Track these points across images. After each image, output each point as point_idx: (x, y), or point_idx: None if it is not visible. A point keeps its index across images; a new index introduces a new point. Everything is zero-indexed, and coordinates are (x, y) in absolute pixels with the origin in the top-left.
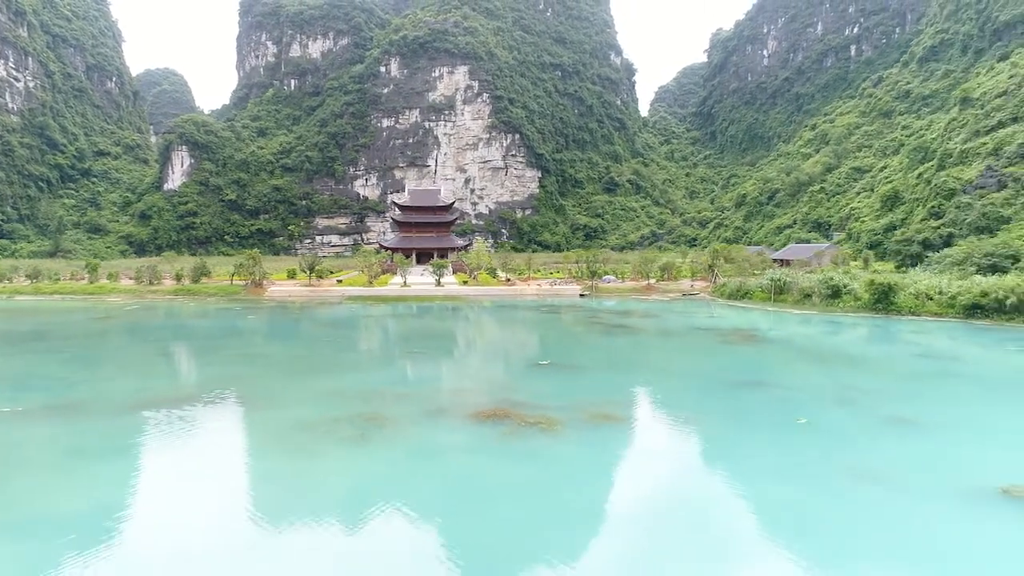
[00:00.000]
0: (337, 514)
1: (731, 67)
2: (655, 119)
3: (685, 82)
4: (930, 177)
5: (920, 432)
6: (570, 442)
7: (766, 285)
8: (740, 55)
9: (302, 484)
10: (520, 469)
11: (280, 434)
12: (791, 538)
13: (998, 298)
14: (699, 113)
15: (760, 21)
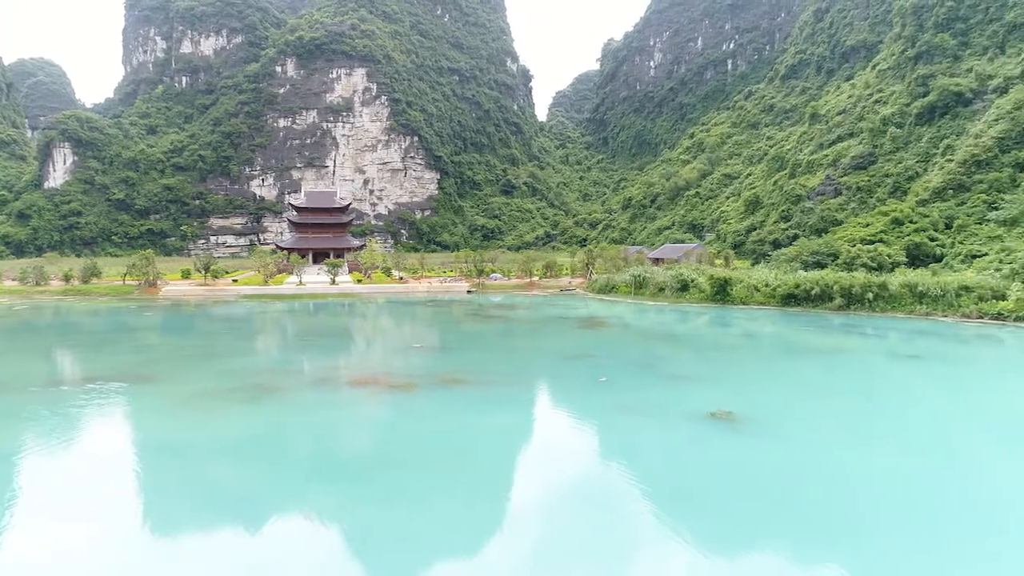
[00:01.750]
0: (232, 448)
1: (621, 76)
2: (553, 123)
3: (581, 88)
4: (783, 184)
5: (685, 383)
6: (420, 397)
7: (628, 280)
8: (629, 65)
9: (203, 429)
10: (379, 413)
11: (183, 399)
12: (568, 449)
13: (806, 289)
14: (592, 119)
15: (647, 34)
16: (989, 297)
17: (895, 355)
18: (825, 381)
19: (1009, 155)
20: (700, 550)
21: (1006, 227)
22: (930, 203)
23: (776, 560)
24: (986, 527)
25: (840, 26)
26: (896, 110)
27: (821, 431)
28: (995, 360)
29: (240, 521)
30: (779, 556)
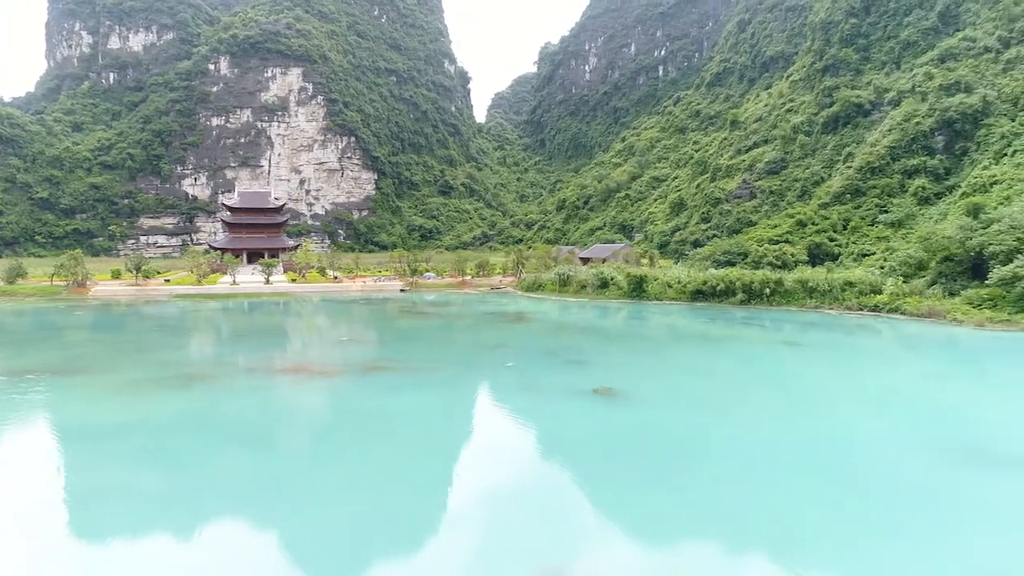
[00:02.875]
0: (166, 423)
1: (558, 79)
2: (492, 124)
3: (519, 90)
4: (704, 187)
5: (581, 367)
6: (344, 381)
7: (554, 279)
8: (566, 69)
9: (133, 411)
10: (302, 396)
11: (117, 386)
12: (471, 419)
13: (712, 285)
14: (530, 121)
15: (583, 39)
16: (868, 291)
17: (773, 342)
18: (704, 364)
19: (899, 163)
20: (576, 488)
21: (893, 228)
22: (830, 206)
23: (633, 493)
24: (803, 472)
25: (761, 37)
26: (805, 119)
27: (684, 402)
28: (856, 345)
29: (167, 488)
30: (635, 491)
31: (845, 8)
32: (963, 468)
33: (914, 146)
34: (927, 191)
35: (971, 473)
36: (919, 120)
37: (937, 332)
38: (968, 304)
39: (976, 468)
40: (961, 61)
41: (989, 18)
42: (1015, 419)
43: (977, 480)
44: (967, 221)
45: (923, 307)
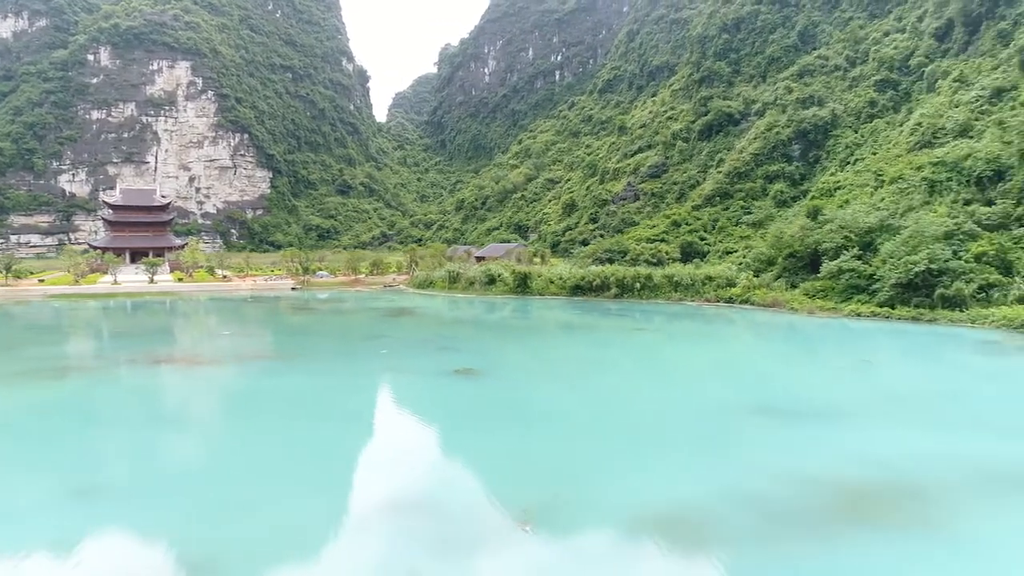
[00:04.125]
0: (37, 408)
1: (458, 81)
2: (392, 124)
3: (420, 90)
4: (594, 189)
5: (449, 352)
6: (217, 370)
7: (444, 276)
8: (465, 71)
9: (14, 396)
10: (175, 381)
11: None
12: (339, 395)
13: (590, 281)
14: (431, 122)
15: (482, 41)
16: (724, 285)
17: (629, 330)
18: (564, 348)
19: (762, 168)
20: (432, 447)
21: (754, 228)
22: (702, 208)
23: (488, 443)
24: (618, 427)
25: (648, 47)
26: (684, 126)
27: (536, 378)
28: (702, 331)
29: (37, 467)
30: (487, 444)
31: (719, 24)
32: (752, 417)
33: (775, 153)
34: (784, 195)
35: (756, 420)
36: (779, 130)
37: (776, 319)
38: (805, 295)
39: (762, 417)
40: (816, 77)
41: (839, 39)
42: (803, 384)
43: (758, 425)
44: (807, 222)
45: (768, 298)
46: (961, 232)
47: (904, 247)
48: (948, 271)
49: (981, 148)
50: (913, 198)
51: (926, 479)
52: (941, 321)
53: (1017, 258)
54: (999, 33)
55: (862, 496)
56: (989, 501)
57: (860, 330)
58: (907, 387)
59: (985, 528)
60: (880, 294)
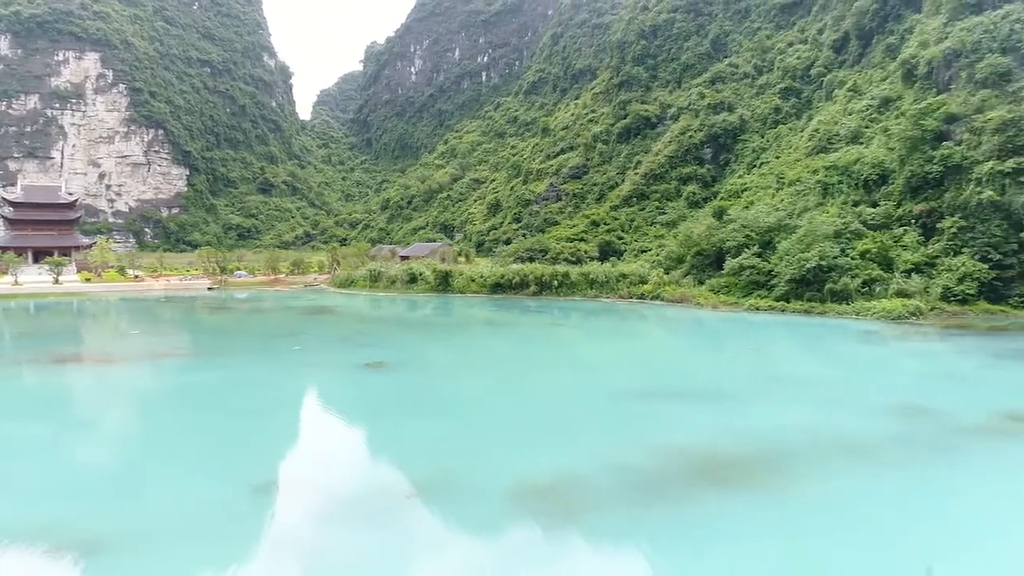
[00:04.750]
0: None
1: (384, 79)
2: (317, 122)
3: (346, 88)
4: (518, 189)
5: (362, 348)
6: (125, 367)
7: (366, 275)
8: (391, 69)
9: None
10: (80, 379)
11: None
12: (250, 388)
13: (509, 279)
14: (357, 120)
15: (408, 40)
16: (637, 282)
17: (542, 324)
18: (474, 342)
19: (676, 170)
20: (334, 434)
21: (667, 228)
22: (620, 208)
23: (389, 428)
24: (517, 412)
25: (571, 51)
26: (603, 129)
27: (443, 370)
28: (610, 325)
29: None
30: (388, 429)
31: (636, 30)
32: (641, 400)
33: (688, 156)
34: (697, 196)
35: (645, 402)
36: (692, 134)
37: (683, 314)
38: (710, 290)
39: (651, 400)
40: (727, 84)
41: (748, 48)
42: (694, 371)
43: (646, 406)
44: (713, 222)
45: (677, 294)
46: (848, 231)
47: (798, 245)
48: (836, 267)
49: (868, 154)
50: (808, 199)
51: (781, 449)
52: (830, 313)
53: (897, 255)
54: (888, 47)
55: (723, 464)
56: (827, 466)
57: (758, 322)
58: (785, 371)
59: (820, 488)
60: (777, 289)
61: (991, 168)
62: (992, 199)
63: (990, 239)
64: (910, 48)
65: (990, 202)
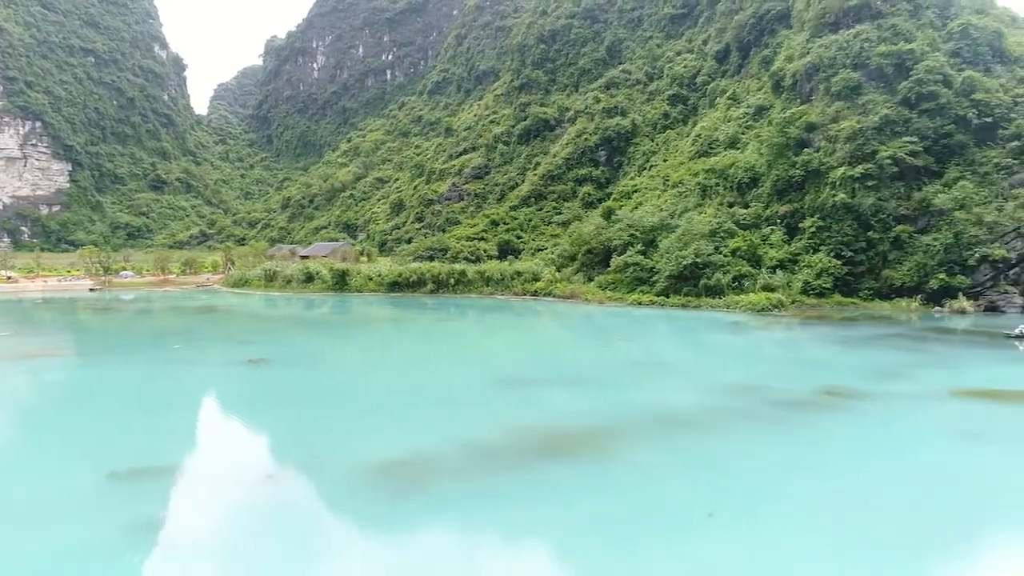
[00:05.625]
0: None
1: (285, 75)
2: (214, 117)
3: (245, 82)
4: (420, 189)
5: (246, 345)
6: (8, 366)
7: (260, 275)
8: (293, 64)
9: None
10: None
11: None
12: (125, 383)
13: (407, 277)
14: (256, 116)
15: (310, 36)
16: (531, 279)
17: (434, 321)
18: (361, 339)
19: (572, 172)
20: (202, 425)
21: (563, 227)
22: (519, 208)
23: (260, 419)
24: (387, 400)
25: (475, 52)
26: (505, 130)
27: (325, 365)
28: (502, 320)
29: None
30: (258, 419)
31: (536, 34)
32: (507, 386)
33: (583, 158)
34: (591, 197)
35: (510, 388)
36: (587, 136)
37: (573, 309)
38: (598, 287)
39: (515, 386)
40: (620, 89)
41: (640, 55)
42: (565, 360)
43: (509, 392)
44: (601, 222)
45: (568, 290)
46: (722, 230)
47: (677, 244)
48: (711, 264)
49: (743, 158)
50: (689, 201)
51: (623, 424)
52: (704, 307)
53: (764, 252)
54: (764, 59)
55: (569, 438)
56: (656, 435)
57: (639, 316)
58: (648, 359)
59: (643, 453)
60: (657, 285)
61: (843, 173)
62: (844, 201)
63: (843, 238)
64: (779, 61)
65: (843, 204)
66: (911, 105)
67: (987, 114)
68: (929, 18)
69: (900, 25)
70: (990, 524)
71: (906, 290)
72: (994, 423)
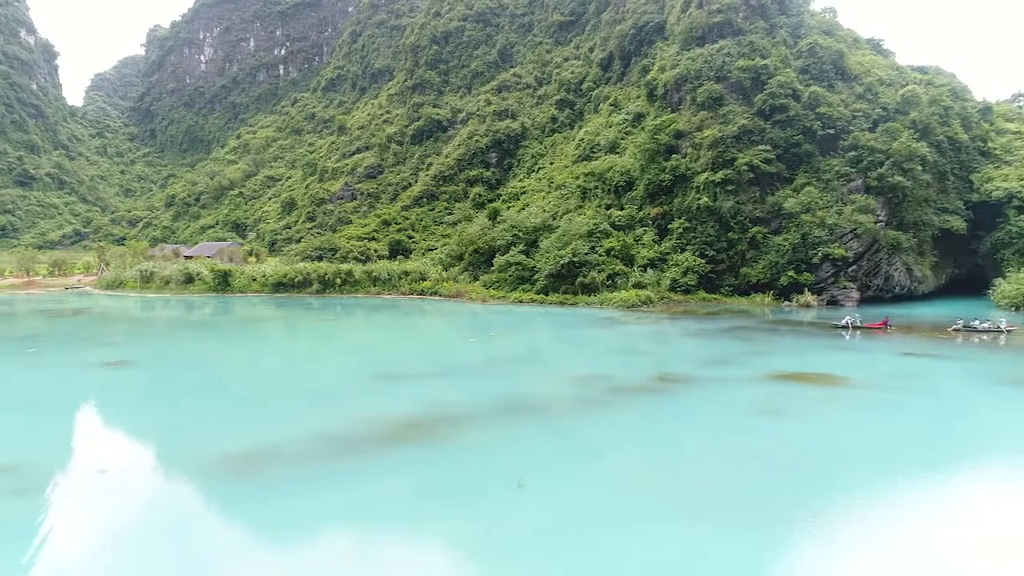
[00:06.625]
0: None
1: (169, 66)
2: (91, 107)
3: (126, 72)
4: (312, 188)
5: (104, 347)
6: None
7: (136, 276)
8: (178, 56)
9: None
10: None
11: None
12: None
13: (292, 278)
14: (138, 108)
15: (196, 26)
16: (418, 279)
17: (315, 320)
18: (233, 339)
19: (464, 173)
20: (61, 420)
21: (454, 228)
22: (411, 208)
23: (120, 414)
24: (244, 396)
25: (370, 50)
26: (398, 130)
27: (187, 365)
28: (385, 319)
29: None
30: (118, 414)
31: (429, 35)
32: (369, 381)
33: (475, 160)
34: (482, 197)
35: (371, 383)
36: (479, 138)
37: (458, 307)
38: (483, 285)
39: (377, 381)
40: (511, 93)
41: (531, 60)
42: (432, 356)
43: (370, 386)
44: (486, 222)
45: (454, 289)
46: (599, 231)
47: (556, 244)
48: (587, 263)
49: (620, 162)
50: (571, 202)
51: (470, 411)
52: (580, 304)
53: (637, 252)
54: (643, 68)
55: (413, 426)
56: (495, 420)
57: (520, 313)
58: (512, 353)
59: (477, 435)
60: (538, 283)
61: (706, 178)
62: (707, 204)
63: (707, 238)
64: (653, 71)
65: (706, 207)
66: (766, 116)
67: (830, 126)
68: (783, 36)
69: (757, 42)
70: (762, 484)
71: (761, 286)
72: (791, 401)
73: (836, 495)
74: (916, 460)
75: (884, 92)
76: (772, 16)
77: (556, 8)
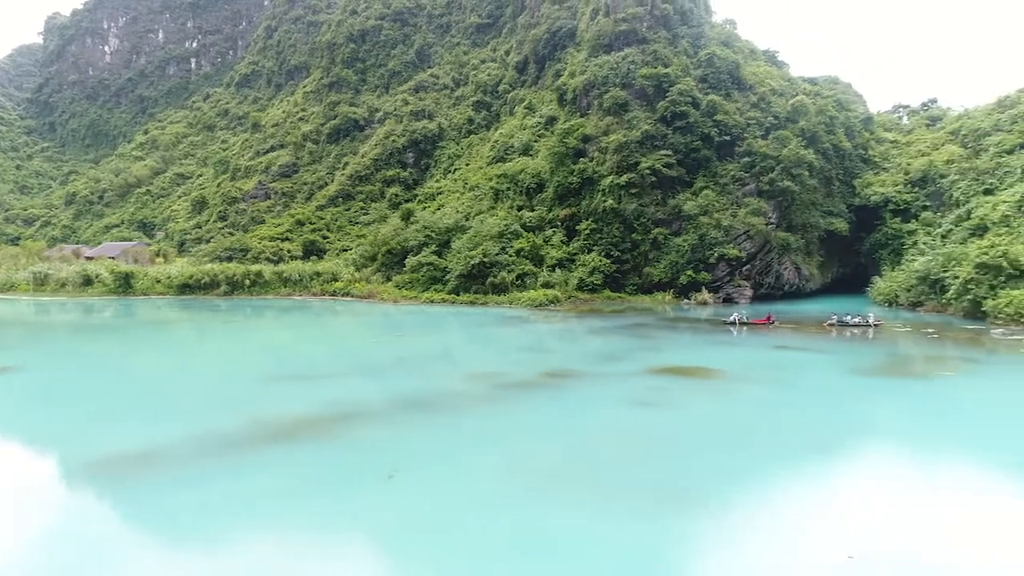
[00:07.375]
0: None
1: (70, 57)
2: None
3: (22, 62)
4: (224, 186)
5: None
6: None
7: (29, 278)
8: (80, 46)
9: None
10: None
11: None
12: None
13: (198, 279)
14: (36, 100)
15: (100, 16)
16: (330, 279)
17: (219, 322)
18: (128, 342)
19: (381, 172)
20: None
21: (369, 228)
22: (326, 208)
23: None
24: (141, 400)
25: (286, 46)
26: (314, 128)
27: (76, 370)
28: (292, 321)
29: None
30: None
31: (346, 33)
32: (270, 382)
33: (392, 160)
34: (399, 198)
35: (272, 384)
36: (396, 138)
37: (370, 308)
38: (396, 286)
39: (278, 382)
40: (428, 93)
41: (448, 61)
42: (336, 357)
43: (269, 387)
44: (399, 223)
45: (366, 290)
46: (510, 232)
47: (467, 244)
48: (497, 263)
49: (532, 165)
50: (484, 204)
51: (361, 411)
52: (491, 304)
53: (546, 252)
54: (556, 72)
55: (303, 425)
56: (383, 418)
57: (431, 313)
58: (414, 353)
59: (363, 433)
60: (449, 283)
61: (611, 181)
62: (613, 207)
63: (612, 239)
64: (564, 76)
65: (612, 209)
66: (667, 122)
67: (726, 133)
68: (684, 46)
69: (660, 51)
70: (625, 469)
71: (663, 285)
72: (664, 393)
73: (694, 474)
74: (761, 446)
75: (776, 102)
76: (674, 27)
77: (474, 10)
